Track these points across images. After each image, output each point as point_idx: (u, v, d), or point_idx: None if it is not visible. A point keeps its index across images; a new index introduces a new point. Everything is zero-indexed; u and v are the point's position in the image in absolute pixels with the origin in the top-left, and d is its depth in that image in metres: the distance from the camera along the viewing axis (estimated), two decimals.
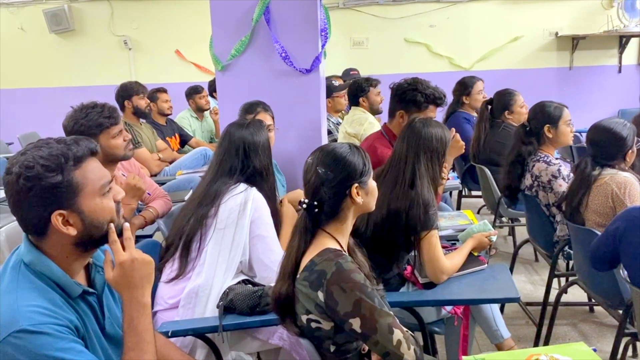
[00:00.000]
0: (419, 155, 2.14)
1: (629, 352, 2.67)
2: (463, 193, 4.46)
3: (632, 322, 2.12)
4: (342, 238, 1.56)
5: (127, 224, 1.33)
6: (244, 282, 2.07)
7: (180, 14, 6.05)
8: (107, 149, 2.35)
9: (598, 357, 1.44)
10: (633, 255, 1.88)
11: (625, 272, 1.97)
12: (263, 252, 2.08)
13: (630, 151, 2.50)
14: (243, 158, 2.13)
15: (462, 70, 5.65)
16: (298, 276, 1.51)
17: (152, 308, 2.04)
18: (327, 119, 4.13)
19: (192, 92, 5.13)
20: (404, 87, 2.73)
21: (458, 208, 4.20)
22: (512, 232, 4.14)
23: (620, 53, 5.71)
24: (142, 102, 4.10)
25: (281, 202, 2.40)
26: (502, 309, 3.13)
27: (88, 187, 1.25)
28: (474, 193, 4.55)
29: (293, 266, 1.52)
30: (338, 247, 1.53)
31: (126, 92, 4.07)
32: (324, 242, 1.52)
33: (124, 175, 2.53)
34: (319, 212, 1.52)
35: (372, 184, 1.60)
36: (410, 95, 2.69)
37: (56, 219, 1.22)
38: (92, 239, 1.28)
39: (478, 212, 4.31)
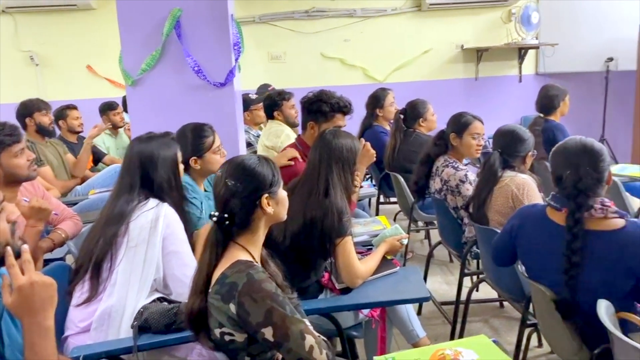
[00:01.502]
0: (331, 165, 2.21)
1: (535, 342, 2.87)
2: (381, 200, 4.60)
3: (534, 313, 2.28)
4: (254, 249, 1.58)
5: (25, 246, 1.28)
6: (159, 300, 2.03)
7: (91, 28, 5.84)
8: (8, 168, 2.24)
9: (497, 347, 1.55)
10: (527, 250, 2.03)
11: (523, 267, 2.12)
12: (178, 267, 2.05)
13: (530, 153, 2.72)
14: (141, 173, 2.09)
15: (377, 83, 5.84)
16: (210, 290, 1.51)
17: (63, 333, 1.98)
18: (247, 131, 4.15)
19: (106, 108, 4.98)
20: (311, 100, 2.84)
21: (377, 214, 4.33)
22: (427, 236, 4.32)
23: (520, 64, 6.13)
24: (45, 119, 3.92)
25: None
26: (420, 310, 3.27)
27: None
28: (392, 199, 4.70)
29: (204, 280, 1.52)
30: (250, 259, 1.54)
31: (26, 109, 3.89)
32: (235, 254, 1.53)
33: (26, 200, 2.41)
34: (230, 225, 1.54)
35: (282, 193, 1.64)
36: (317, 106, 2.80)
37: None
38: None
39: (395, 218, 4.46)
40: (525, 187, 2.59)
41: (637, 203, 3.40)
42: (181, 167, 2.26)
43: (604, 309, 1.69)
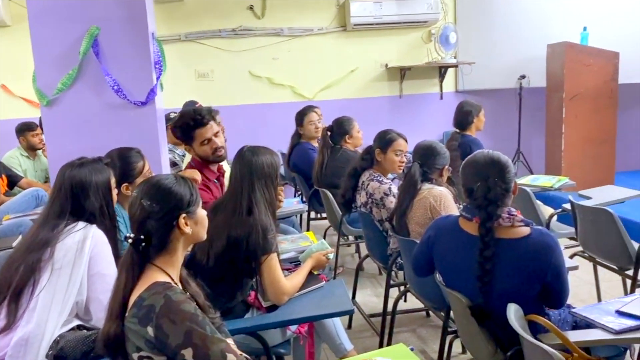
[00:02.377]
0: (253, 182, 2.21)
1: (460, 349, 2.97)
2: (312, 216, 4.65)
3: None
4: (172, 270, 1.56)
5: None
6: (78, 327, 1.96)
7: (6, 46, 5.57)
8: None
9: (414, 355, 1.60)
10: (443, 260, 2.11)
11: (441, 277, 2.21)
12: (102, 291, 1.98)
13: (446, 167, 2.86)
14: (72, 199, 2.03)
15: (306, 100, 5.91)
16: (127, 314, 1.47)
17: None
18: (172, 151, 4.08)
19: (25, 128, 4.78)
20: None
21: (307, 231, 4.36)
22: (357, 249, 4.40)
23: (441, 82, 6.41)
24: None
25: None
26: (350, 324, 3.32)
27: None
28: (322, 215, 4.76)
29: (120, 304, 1.48)
30: (168, 280, 1.52)
31: None
32: (153, 276, 1.50)
33: None
34: (147, 246, 1.51)
35: (201, 213, 1.62)
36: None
37: None
38: None
39: (325, 233, 4.51)
40: (442, 198, 2.71)
41: (547, 211, 3.63)
42: (114, 192, 2.21)
43: (514, 313, 1.80)
